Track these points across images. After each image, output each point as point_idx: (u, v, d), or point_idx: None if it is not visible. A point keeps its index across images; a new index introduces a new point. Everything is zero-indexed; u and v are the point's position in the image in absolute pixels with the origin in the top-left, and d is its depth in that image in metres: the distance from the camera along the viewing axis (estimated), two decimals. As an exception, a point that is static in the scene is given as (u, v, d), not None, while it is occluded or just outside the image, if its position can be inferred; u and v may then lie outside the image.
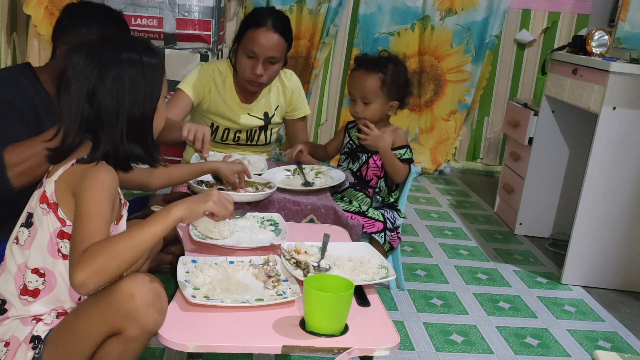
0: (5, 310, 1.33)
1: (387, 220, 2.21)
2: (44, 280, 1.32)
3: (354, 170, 2.33)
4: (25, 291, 1.32)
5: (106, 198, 1.26)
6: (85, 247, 1.19)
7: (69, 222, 1.29)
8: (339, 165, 2.41)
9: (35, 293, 1.32)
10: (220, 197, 1.37)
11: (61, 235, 1.30)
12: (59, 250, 1.31)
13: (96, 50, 1.30)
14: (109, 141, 1.31)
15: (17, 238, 1.35)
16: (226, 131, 2.45)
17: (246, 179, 2.01)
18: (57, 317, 1.34)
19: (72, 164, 1.30)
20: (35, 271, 1.32)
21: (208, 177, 1.98)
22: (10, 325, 1.32)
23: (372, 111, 2.25)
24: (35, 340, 1.30)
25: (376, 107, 2.25)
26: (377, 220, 2.19)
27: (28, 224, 1.33)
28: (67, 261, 1.31)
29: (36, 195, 1.34)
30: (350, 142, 2.37)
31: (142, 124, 1.35)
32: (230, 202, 1.39)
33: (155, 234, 1.25)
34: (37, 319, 1.33)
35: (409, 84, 2.31)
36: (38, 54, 3.46)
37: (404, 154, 2.30)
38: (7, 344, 1.30)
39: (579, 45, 2.99)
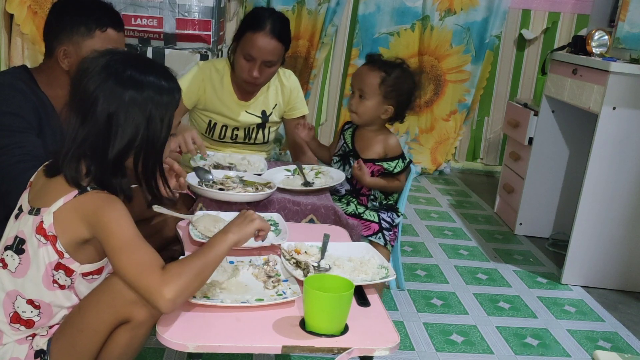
0: None
1: (383, 221, 2.20)
2: (39, 312, 1.31)
3: (348, 177, 2.30)
4: (17, 319, 1.31)
5: (132, 222, 1.26)
6: (158, 268, 1.21)
7: (66, 255, 1.28)
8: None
9: (29, 324, 1.32)
10: (258, 214, 1.42)
11: (57, 267, 1.29)
12: (54, 282, 1.30)
13: (119, 74, 1.28)
14: (115, 170, 1.30)
15: (3, 262, 1.31)
16: (224, 128, 2.46)
17: (246, 178, 2.01)
18: (50, 327, 1.34)
19: (75, 196, 1.27)
20: (30, 302, 1.31)
21: (208, 177, 1.98)
22: (6, 349, 1.31)
23: (365, 107, 2.23)
24: (41, 354, 1.30)
25: (370, 105, 2.23)
26: (372, 221, 2.18)
27: (19, 249, 1.30)
28: (64, 290, 1.32)
29: (30, 222, 1.29)
30: (344, 145, 2.36)
31: (154, 156, 1.34)
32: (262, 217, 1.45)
33: (221, 254, 1.30)
34: (32, 334, 1.33)
35: (411, 96, 2.25)
36: (21, 53, 3.46)
37: (396, 166, 2.26)
38: None
39: (579, 45, 2.99)
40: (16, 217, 1.34)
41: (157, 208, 1.70)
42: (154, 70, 1.33)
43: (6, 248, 1.32)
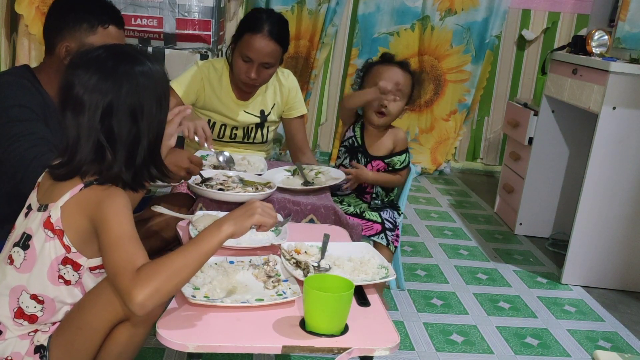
0: (0, 332, 1.32)
1: (386, 221, 2.21)
2: (43, 307, 1.31)
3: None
4: (20, 315, 1.31)
5: (130, 219, 1.25)
6: (131, 270, 1.17)
7: (73, 249, 1.28)
8: (337, 158, 2.42)
9: (32, 319, 1.31)
10: (263, 206, 1.33)
11: (64, 261, 1.29)
12: (60, 277, 1.30)
13: (109, 67, 1.27)
14: (126, 162, 1.29)
15: (10, 258, 1.31)
16: (223, 127, 2.46)
17: (246, 178, 2.01)
18: (52, 324, 1.34)
19: (81, 189, 1.27)
20: (34, 297, 1.30)
21: (208, 176, 1.98)
22: (8, 343, 1.31)
23: (398, 108, 2.30)
24: (40, 349, 1.30)
25: (401, 105, 2.30)
26: (375, 221, 2.19)
27: (25, 245, 1.30)
28: (69, 286, 1.32)
29: (38, 218, 1.29)
30: (354, 138, 2.37)
31: (158, 141, 1.34)
32: (273, 209, 1.36)
33: (209, 250, 1.24)
34: (34, 330, 1.33)
35: (413, 92, 2.35)
36: (28, 53, 3.45)
37: (404, 161, 2.32)
38: None
39: (579, 45, 2.99)
40: (25, 215, 1.35)
41: (156, 208, 1.70)
42: (144, 60, 1.33)
43: (14, 245, 1.32)
